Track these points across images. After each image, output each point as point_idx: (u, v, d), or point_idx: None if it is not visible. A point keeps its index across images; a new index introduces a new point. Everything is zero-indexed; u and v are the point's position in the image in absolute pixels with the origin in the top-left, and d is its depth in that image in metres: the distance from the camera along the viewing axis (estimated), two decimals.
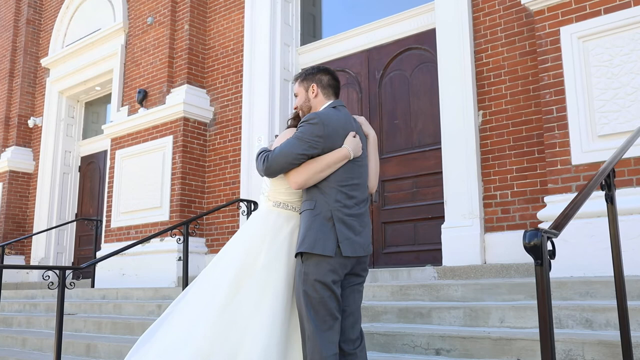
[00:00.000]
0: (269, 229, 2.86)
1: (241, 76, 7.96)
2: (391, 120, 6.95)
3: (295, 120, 3.07)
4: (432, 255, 6.25)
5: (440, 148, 6.18)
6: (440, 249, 5.90)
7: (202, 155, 8.15)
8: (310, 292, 2.61)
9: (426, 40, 6.76)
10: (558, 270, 4.66)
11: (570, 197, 4.73)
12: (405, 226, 6.64)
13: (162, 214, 7.93)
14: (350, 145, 2.74)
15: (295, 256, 2.72)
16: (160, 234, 4.94)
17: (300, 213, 2.79)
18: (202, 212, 6.12)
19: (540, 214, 4.88)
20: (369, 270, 4.48)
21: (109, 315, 6.39)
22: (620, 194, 4.52)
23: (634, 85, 4.57)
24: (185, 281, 4.81)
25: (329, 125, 2.72)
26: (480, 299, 4.18)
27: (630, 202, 4.44)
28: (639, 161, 4.50)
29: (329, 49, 7.68)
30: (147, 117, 8.34)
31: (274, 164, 2.69)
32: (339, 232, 2.64)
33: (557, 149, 4.88)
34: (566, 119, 4.86)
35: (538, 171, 5.38)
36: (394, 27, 7.05)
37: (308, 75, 2.97)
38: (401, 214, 6.64)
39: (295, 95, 3.03)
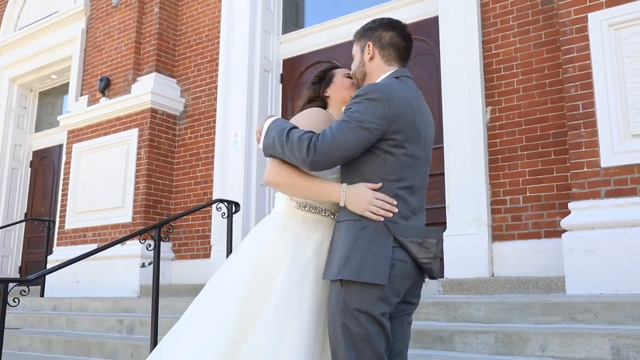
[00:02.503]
0: (289, 240, 2.13)
1: (217, 65, 7.22)
2: None
3: (310, 102, 2.38)
4: None
5: (441, 147, 5.57)
6: (442, 259, 5.29)
7: (170, 150, 7.37)
8: (352, 326, 1.92)
9: (424, 30, 6.17)
10: (586, 286, 4.12)
11: (599, 203, 4.21)
12: None
13: (124, 214, 7.11)
14: (352, 196, 1.99)
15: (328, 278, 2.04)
16: (131, 237, 4.20)
17: (337, 222, 2.07)
18: (177, 214, 5.37)
19: (565, 222, 4.32)
20: None
21: (60, 331, 5.55)
22: None
23: None
24: (155, 292, 4.07)
25: (395, 104, 1.98)
26: (508, 320, 3.58)
27: None
28: None
29: (314, 37, 7.02)
30: (109, 107, 7.51)
31: (322, 157, 1.93)
32: (394, 252, 1.95)
33: (584, 150, 4.34)
34: (594, 116, 4.32)
35: (555, 174, 4.83)
36: (389, 15, 6.36)
37: (366, 30, 2.23)
38: None
39: (353, 58, 2.31)
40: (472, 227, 5.11)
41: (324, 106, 2.38)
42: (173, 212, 7.23)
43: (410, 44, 2.22)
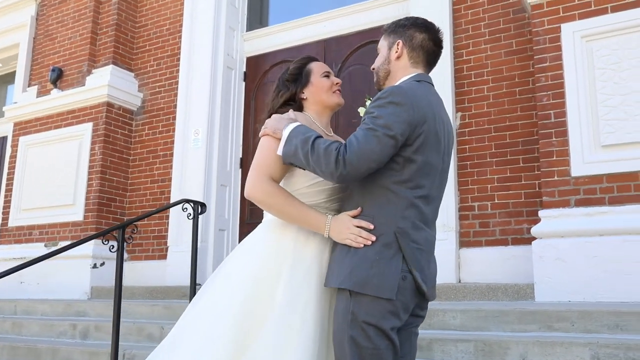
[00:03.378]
0: (288, 247, 2.03)
1: (178, 60, 6.98)
2: (349, 119, 6.23)
3: (285, 104, 2.23)
4: None
5: None
6: None
7: (126, 147, 7.07)
8: (360, 339, 1.81)
9: None
10: (555, 293, 4.16)
11: (568, 212, 4.25)
12: None
13: (75, 212, 6.77)
14: (334, 227, 1.94)
15: (332, 286, 1.93)
16: (95, 237, 3.95)
17: None
18: (145, 213, 5.11)
19: (535, 230, 4.35)
20: None
21: (5, 336, 5.20)
22: (625, 211, 4.09)
23: None
24: (118, 295, 3.84)
25: (419, 108, 1.88)
26: (485, 328, 3.55)
27: (639, 221, 3.99)
28: None
29: (280, 36, 6.88)
30: (62, 99, 7.14)
31: (351, 170, 1.82)
32: (405, 262, 1.86)
33: (554, 158, 4.38)
34: (566, 125, 4.37)
35: (523, 182, 4.87)
36: (358, 16, 6.37)
37: (398, 27, 2.11)
38: None
39: (378, 53, 2.18)
40: (440, 233, 5.01)
41: (300, 107, 2.23)
42: (127, 211, 6.95)
43: (440, 50, 2.12)
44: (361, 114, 2.20)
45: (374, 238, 1.87)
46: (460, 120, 5.22)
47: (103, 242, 3.87)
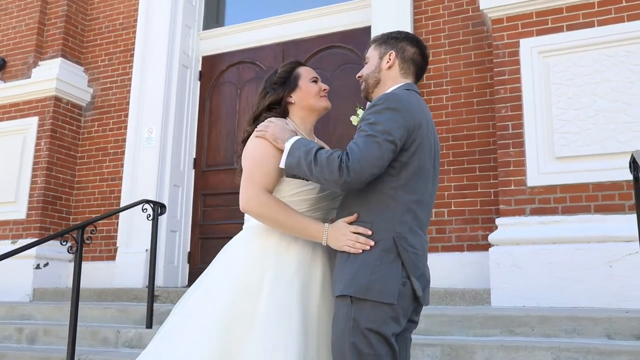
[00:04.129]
0: (270, 254, 2.02)
1: (131, 56, 6.79)
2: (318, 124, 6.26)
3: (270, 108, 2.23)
4: None
5: None
6: None
7: (74, 143, 6.82)
8: (361, 346, 1.83)
9: (352, 39, 6.21)
10: (510, 298, 4.31)
11: (524, 220, 4.42)
12: None
13: (18, 210, 6.47)
14: (331, 235, 1.96)
15: (337, 295, 1.94)
16: (53, 237, 3.77)
17: None
18: (108, 212, 4.90)
19: (492, 237, 4.49)
20: None
21: None
22: (577, 220, 4.29)
23: (596, 108, 4.36)
24: (75, 299, 3.71)
25: (414, 114, 1.94)
26: (448, 332, 3.64)
27: (589, 230, 4.20)
28: (598, 187, 4.28)
29: (238, 36, 6.82)
30: (4, 91, 6.81)
31: (355, 177, 1.83)
32: (404, 268, 1.89)
33: (512, 168, 4.54)
34: (523, 137, 4.54)
35: (479, 190, 5.02)
36: (318, 21, 6.40)
37: (390, 39, 2.17)
38: None
39: (365, 62, 2.22)
40: None
41: (284, 111, 2.23)
42: (74, 210, 6.70)
43: (427, 65, 2.21)
44: (354, 123, 2.24)
45: (372, 243, 1.90)
46: None
47: (61, 243, 3.72)
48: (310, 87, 2.24)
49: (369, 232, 1.91)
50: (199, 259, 6.47)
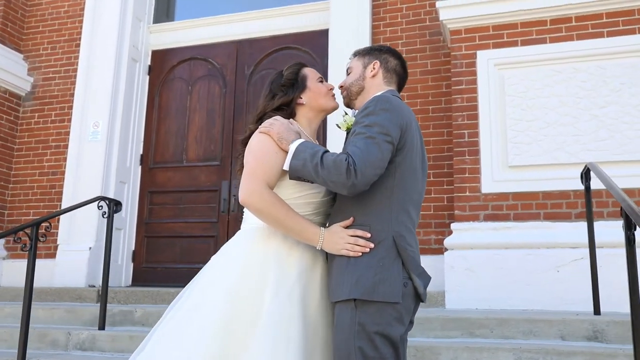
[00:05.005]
0: (271, 259, 2.00)
1: (77, 46, 6.53)
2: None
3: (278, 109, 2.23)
4: None
5: None
6: None
7: (11, 134, 6.47)
8: (367, 349, 1.85)
9: (309, 41, 6.23)
10: (463, 301, 4.47)
11: (478, 225, 4.60)
12: None
13: None
14: (327, 239, 1.97)
15: (338, 301, 1.95)
16: (5, 235, 3.55)
17: None
18: (63, 209, 4.62)
19: (447, 242, 4.63)
20: None
21: None
22: (528, 227, 4.50)
23: (547, 120, 4.59)
24: (28, 300, 3.53)
25: (404, 114, 2.01)
26: (411, 334, 3.68)
27: (539, 236, 4.41)
28: (547, 195, 4.50)
29: (190, 32, 6.69)
30: None
31: (362, 179, 1.86)
32: (404, 268, 1.93)
33: (467, 175, 4.71)
34: (478, 145, 4.72)
35: (433, 195, 5.16)
36: (273, 21, 6.37)
37: (373, 51, 2.26)
38: None
39: (348, 72, 2.27)
40: None
41: (291, 113, 2.22)
42: (9, 204, 6.37)
43: (407, 75, 2.31)
44: (341, 128, 2.26)
45: (372, 245, 1.93)
46: None
47: (15, 240, 3.54)
48: (319, 87, 2.25)
49: (368, 235, 1.94)
50: (144, 258, 6.30)
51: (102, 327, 4.13)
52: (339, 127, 2.24)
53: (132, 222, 6.36)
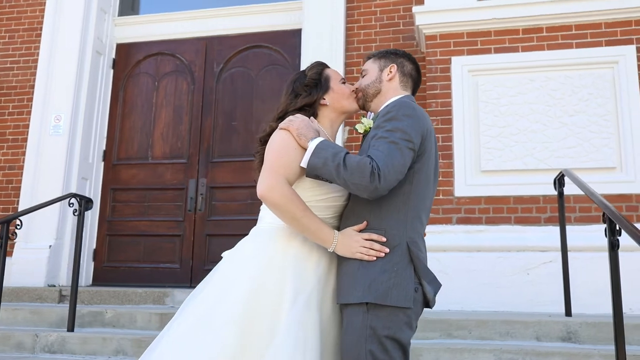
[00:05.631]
0: (290, 261, 1.97)
1: (38, 36, 6.28)
2: (228, 121, 6.17)
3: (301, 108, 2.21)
4: None
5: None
6: None
7: None
8: (378, 353, 1.86)
9: (280, 40, 6.20)
10: (437, 302, 4.51)
11: (451, 228, 4.68)
12: (236, 241, 5.85)
13: None
14: (341, 242, 1.96)
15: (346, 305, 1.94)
16: None
17: None
18: (32, 207, 4.36)
19: None
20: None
21: None
22: (499, 231, 4.61)
23: (519, 126, 4.72)
24: None
25: (425, 120, 2.02)
26: None
27: (510, 240, 4.53)
28: (518, 200, 4.63)
29: (157, 26, 6.54)
30: None
31: (384, 184, 1.85)
32: (416, 274, 1.94)
33: (440, 179, 4.77)
34: (452, 149, 4.80)
35: None
36: (244, 18, 6.31)
37: (389, 54, 2.24)
38: (232, 227, 5.86)
39: (362, 75, 2.25)
40: None
41: (314, 114, 2.19)
42: None
43: (421, 83, 2.31)
44: (360, 131, 2.25)
45: (387, 250, 1.93)
46: (348, 134, 5.45)
47: None
48: (342, 89, 2.22)
49: (383, 239, 1.95)
50: (106, 256, 6.13)
51: (71, 328, 3.99)
52: (356, 130, 2.24)
53: (93, 220, 6.16)
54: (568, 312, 3.88)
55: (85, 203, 4.18)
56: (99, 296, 5.04)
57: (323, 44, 5.65)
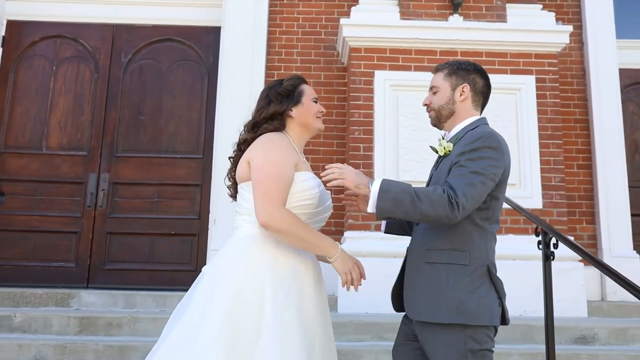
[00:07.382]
0: (265, 269, 2.05)
1: None
2: (135, 115, 5.90)
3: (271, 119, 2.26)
4: (170, 276, 5.51)
5: (197, 158, 5.68)
6: (190, 271, 5.30)
7: None
8: None
9: (195, 36, 6.05)
10: (355, 306, 4.73)
11: (369, 234, 4.90)
12: (139, 240, 5.65)
13: None
14: (343, 257, 2.15)
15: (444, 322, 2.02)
16: None
17: (430, 262, 2.08)
18: None
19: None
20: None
21: None
22: None
23: (432, 142, 5.03)
24: None
25: (507, 153, 2.09)
26: None
27: None
28: None
29: (57, 5, 6.05)
30: None
31: (463, 212, 1.94)
32: (497, 292, 2.07)
33: None
34: (372, 159, 5.03)
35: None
36: (157, 9, 6.06)
37: (461, 69, 2.23)
38: (135, 226, 5.63)
39: (433, 91, 2.26)
40: None
41: (282, 125, 2.28)
42: None
43: (490, 93, 2.30)
44: (439, 153, 2.25)
45: (363, 281, 2.17)
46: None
47: None
48: (311, 106, 2.32)
49: (365, 279, 2.23)
50: None
51: None
52: (434, 151, 2.25)
53: None
54: None
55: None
56: None
57: (243, 45, 5.63)
